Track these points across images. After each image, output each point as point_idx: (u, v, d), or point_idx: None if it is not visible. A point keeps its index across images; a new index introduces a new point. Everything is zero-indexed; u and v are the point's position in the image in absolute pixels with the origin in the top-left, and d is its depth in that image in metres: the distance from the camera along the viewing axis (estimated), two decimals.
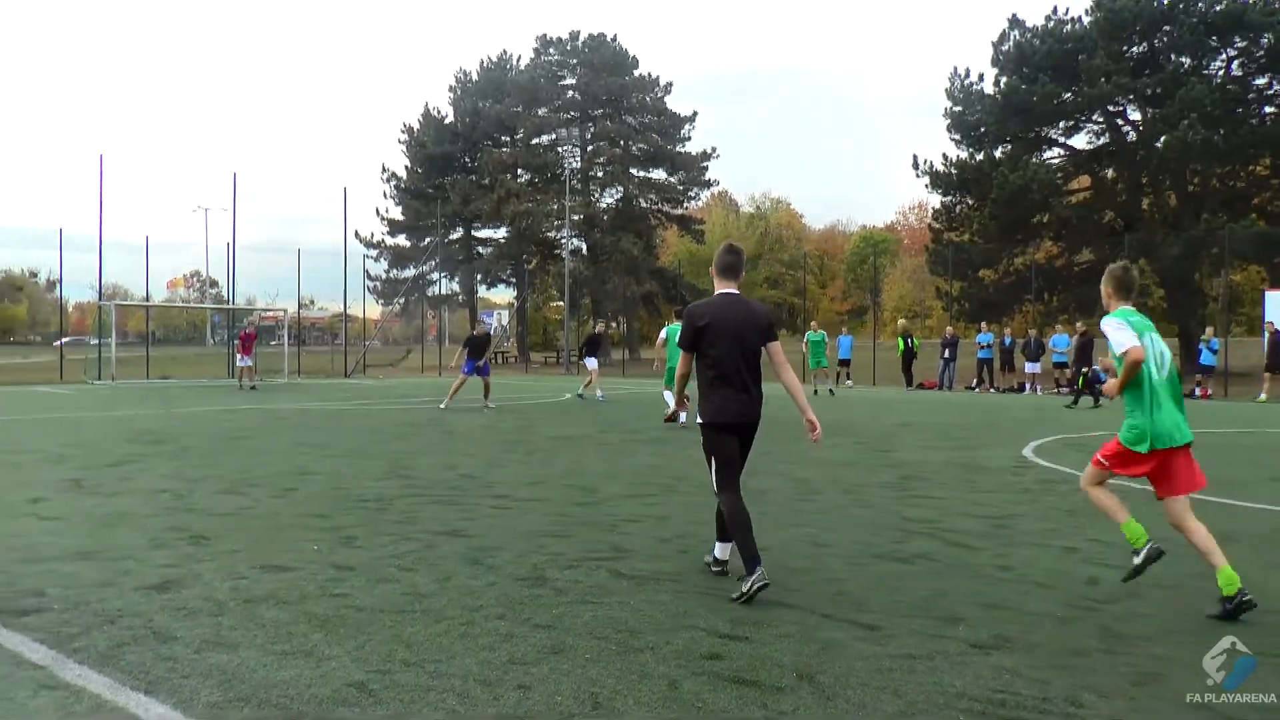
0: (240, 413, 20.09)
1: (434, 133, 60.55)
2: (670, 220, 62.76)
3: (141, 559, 6.51)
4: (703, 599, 5.60)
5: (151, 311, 47.99)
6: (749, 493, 6.29)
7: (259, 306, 54.28)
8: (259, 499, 9.00)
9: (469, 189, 57.28)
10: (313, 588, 5.76)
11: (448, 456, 12.43)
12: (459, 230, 61.24)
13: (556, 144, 59.84)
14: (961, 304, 41.51)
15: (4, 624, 5.03)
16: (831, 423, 18.02)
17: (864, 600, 5.61)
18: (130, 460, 11.88)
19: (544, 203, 56.91)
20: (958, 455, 12.96)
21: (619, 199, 59.89)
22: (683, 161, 59.03)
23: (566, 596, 5.62)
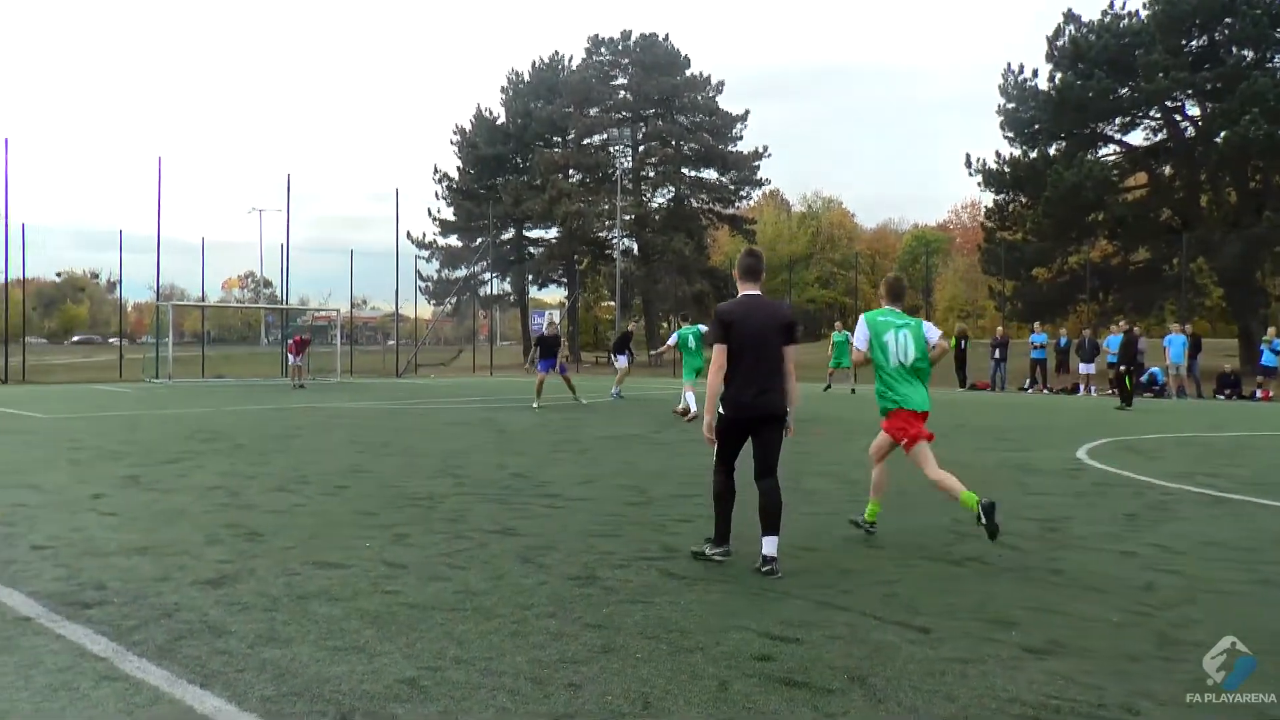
0: (293, 411, 20.35)
1: (486, 133, 60.93)
2: (721, 220, 62.69)
3: (197, 554, 6.61)
4: (753, 600, 5.58)
5: (207, 311, 48.79)
6: (801, 493, 6.26)
7: (312, 306, 54.90)
8: (311, 496, 9.10)
9: (520, 189, 57.58)
10: (365, 584, 5.81)
11: (499, 455, 12.49)
12: (510, 230, 61.58)
13: (608, 144, 60.01)
14: (1014, 304, 41.05)
15: (68, 616, 5.14)
16: None
17: (915, 602, 5.56)
18: (186, 457, 12.08)
19: (595, 203, 57.07)
20: (1010, 456, 12.81)
21: (670, 199, 59.94)
22: (734, 161, 58.92)
23: (617, 596, 5.63)
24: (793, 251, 76.06)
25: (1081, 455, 13.08)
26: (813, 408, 22.04)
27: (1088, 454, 13.23)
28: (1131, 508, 8.87)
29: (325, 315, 53.27)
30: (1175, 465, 12.18)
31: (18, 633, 4.88)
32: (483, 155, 60.47)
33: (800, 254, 79.36)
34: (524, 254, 61.49)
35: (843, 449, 13.58)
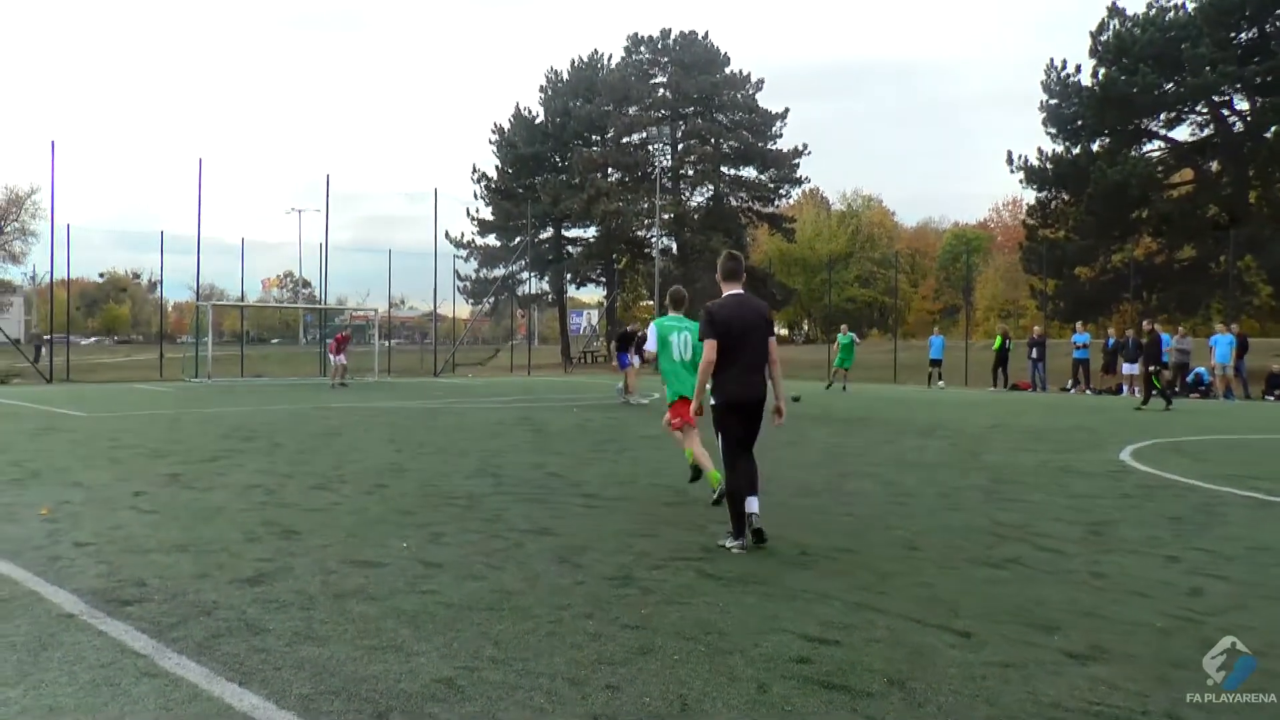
0: (331, 410, 20.51)
1: (524, 133, 61.10)
2: (761, 219, 62.50)
3: (235, 552, 6.67)
4: (792, 601, 5.55)
5: (246, 311, 49.21)
6: (841, 495, 6.22)
7: (350, 306, 55.24)
8: (349, 495, 9.16)
9: (559, 189, 57.69)
10: (401, 584, 5.84)
11: (537, 455, 12.52)
12: (549, 230, 61.68)
13: (647, 142, 59.98)
14: (1057, 303, 40.60)
15: (109, 613, 5.20)
16: (923, 424, 17.78)
17: (956, 605, 5.51)
18: (225, 456, 12.21)
19: (634, 202, 57.07)
20: (1052, 458, 12.67)
21: (709, 198, 59.83)
22: (774, 159, 58.73)
23: (654, 597, 5.62)
24: (832, 250, 75.75)
25: (1125, 457, 12.92)
26: (854, 408, 21.94)
27: (1132, 456, 13.07)
28: (1177, 511, 8.75)
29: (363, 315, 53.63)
30: (1222, 468, 11.99)
31: (61, 629, 4.95)
32: (521, 154, 60.63)
33: (840, 253, 78.98)
34: (562, 253, 61.58)
35: (884, 450, 13.51)
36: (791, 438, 15.03)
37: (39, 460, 11.64)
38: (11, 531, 7.36)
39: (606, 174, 59.45)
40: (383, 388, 30.73)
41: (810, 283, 79.28)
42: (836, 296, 71.90)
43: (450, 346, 48.68)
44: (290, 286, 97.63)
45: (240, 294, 42.18)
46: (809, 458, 12.55)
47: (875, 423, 18.32)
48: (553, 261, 60.61)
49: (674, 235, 58.89)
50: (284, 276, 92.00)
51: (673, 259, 58.50)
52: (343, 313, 47.82)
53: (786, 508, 8.59)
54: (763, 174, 59.80)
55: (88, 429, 16.09)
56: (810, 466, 11.64)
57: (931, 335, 34.90)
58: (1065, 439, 15.35)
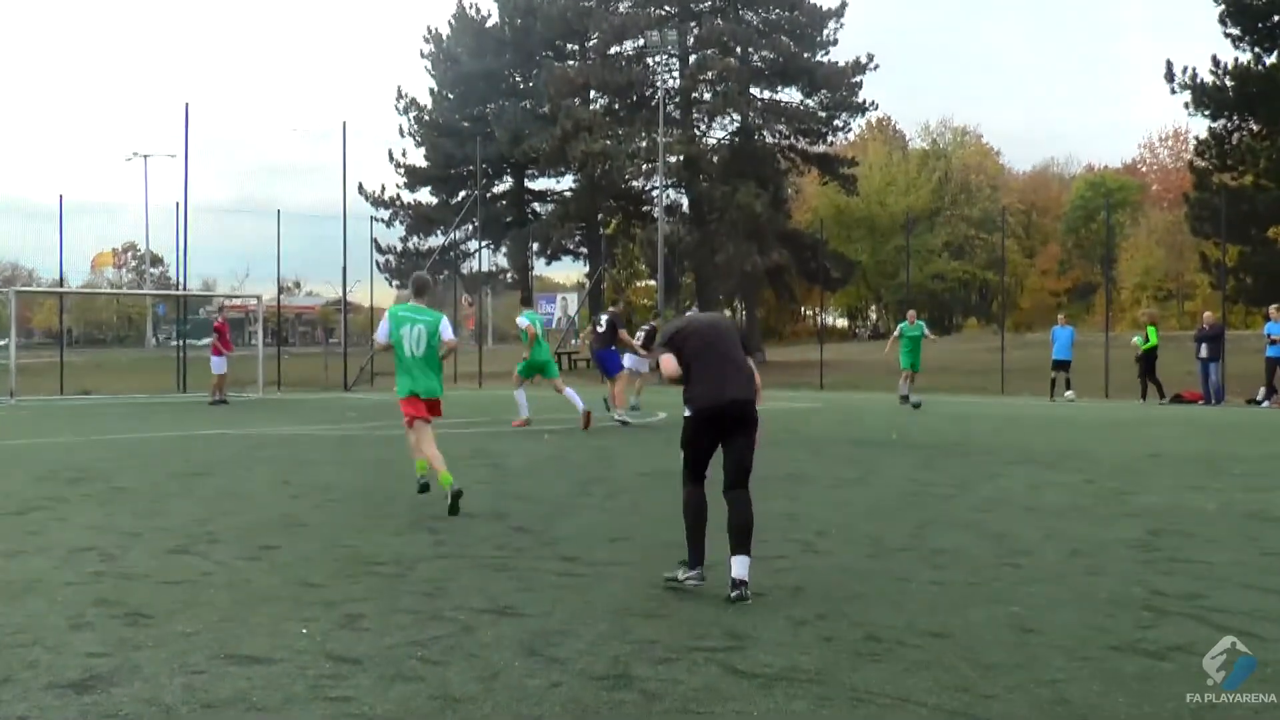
0: (197, 440, 20.45)
1: (471, 41, 61.24)
2: (807, 161, 62.54)
3: (56, 644, 6.63)
4: (857, 707, 5.53)
5: (68, 301, 48.95)
6: (931, 553, 6.20)
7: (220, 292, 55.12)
8: (224, 561, 9.12)
9: (521, 121, 57.81)
10: (301, 688, 5.81)
11: (494, 501, 12.51)
12: (506, 180, 61.81)
13: (645, 53, 60.02)
14: (1241, 278, 40.55)
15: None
16: (1045, 452, 17.76)
17: (1093, 714, 5.48)
18: (40, 506, 12.13)
19: (627, 139, 57.10)
20: (1238, 500, 12.66)
21: (734, 132, 59.89)
22: (825, 76, 58.76)
23: (661, 703, 5.60)
24: (911, 206, 75.79)
25: None
26: (942, 430, 21.93)
27: None
28: None
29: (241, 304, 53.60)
30: None
31: None
32: (467, 72, 60.76)
33: (922, 209, 79.13)
34: (526, 214, 61.65)
35: (988, 490, 13.49)
36: (858, 473, 15.01)
37: None
38: None
39: (589, 100, 59.47)
40: (270, 407, 30.71)
41: (879, 252, 79.48)
42: (918, 272, 72.17)
43: (367, 348, 48.72)
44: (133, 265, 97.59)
45: (58, 276, 42.03)
46: (882, 501, 12.52)
47: (974, 451, 18.28)
48: (512, 225, 60.68)
49: (685, 186, 58.92)
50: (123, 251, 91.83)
51: (683, 219, 58.51)
52: (210, 301, 47.81)
53: (850, 572, 8.56)
54: (810, 98, 59.85)
55: None
56: (883, 514, 11.63)
57: (1055, 326, 34.85)
58: (1257, 473, 15.34)
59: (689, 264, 58.88)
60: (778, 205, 59.21)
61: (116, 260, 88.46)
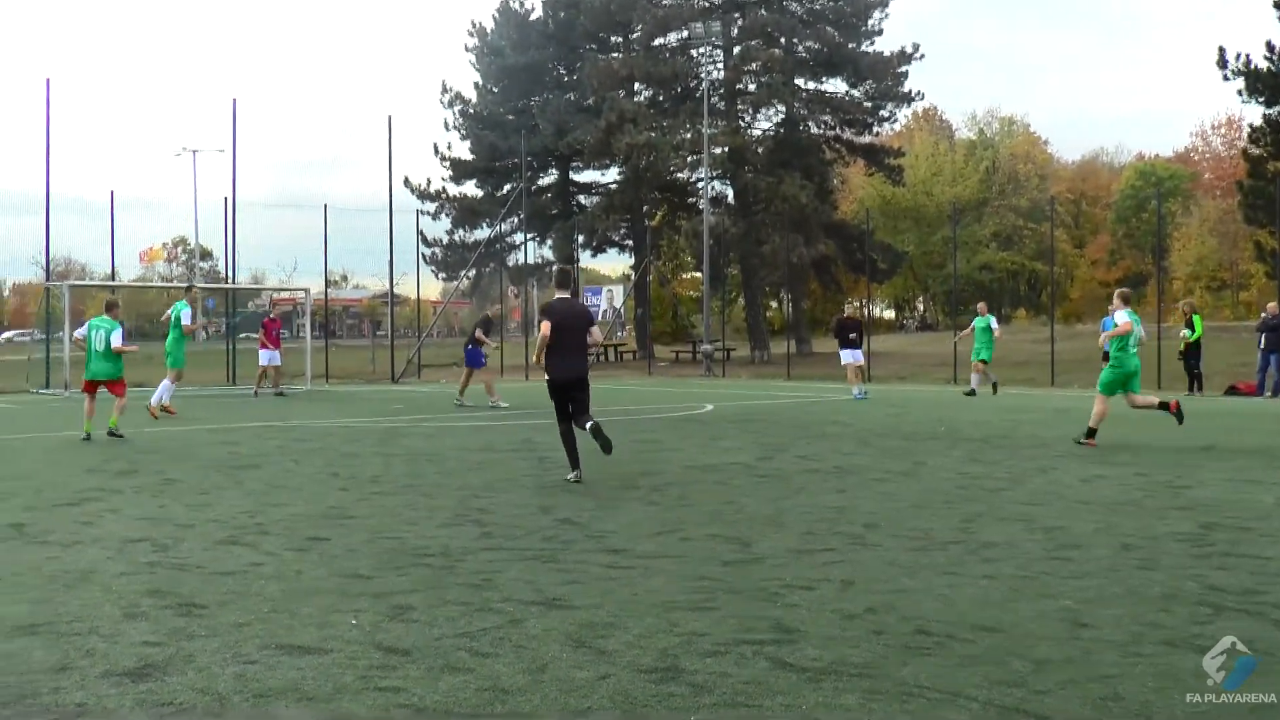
0: (247, 431, 20.58)
1: (515, 33, 61.28)
2: (853, 151, 62.37)
3: (111, 634, 6.68)
4: (906, 701, 5.50)
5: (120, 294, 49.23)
6: (980, 546, 6.14)
7: (269, 286, 55.29)
8: (274, 552, 9.19)
9: (565, 113, 57.80)
10: (351, 678, 5.83)
11: (541, 495, 12.55)
12: (551, 173, 61.84)
13: (689, 44, 59.93)
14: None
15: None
16: (1095, 444, 17.63)
17: (1150, 710, 5.45)
18: (93, 498, 12.25)
19: (672, 130, 57.02)
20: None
21: (779, 123, 59.73)
22: (871, 66, 58.52)
23: (710, 696, 5.59)
24: (958, 196, 75.47)
25: None
26: (991, 423, 21.81)
27: None
28: None
29: (289, 298, 53.87)
30: None
31: None
32: (511, 65, 60.80)
33: (969, 200, 78.74)
34: (571, 206, 61.67)
35: (1038, 483, 13.40)
36: (905, 466, 14.96)
37: None
38: None
39: (633, 91, 59.42)
40: (319, 399, 30.82)
41: (926, 243, 79.11)
42: (966, 263, 71.84)
43: (414, 340, 48.80)
44: (183, 259, 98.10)
45: (110, 270, 42.38)
46: (930, 494, 12.47)
47: (1023, 443, 18.17)
48: (558, 218, 60.71)
49: (730, 178, 58.82)
50: (173, 245, 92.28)
51: (728, 210, 58.38)
52: (259, 295, 48.08)
53: (899, 566, 8.53)
54: (855, 88, 59.62)
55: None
56: (932, 507, 11.58)
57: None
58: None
59: (734, 255, 58.74)
60: (823, 196, 59.01)
61: (167, 254, 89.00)
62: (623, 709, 5.38)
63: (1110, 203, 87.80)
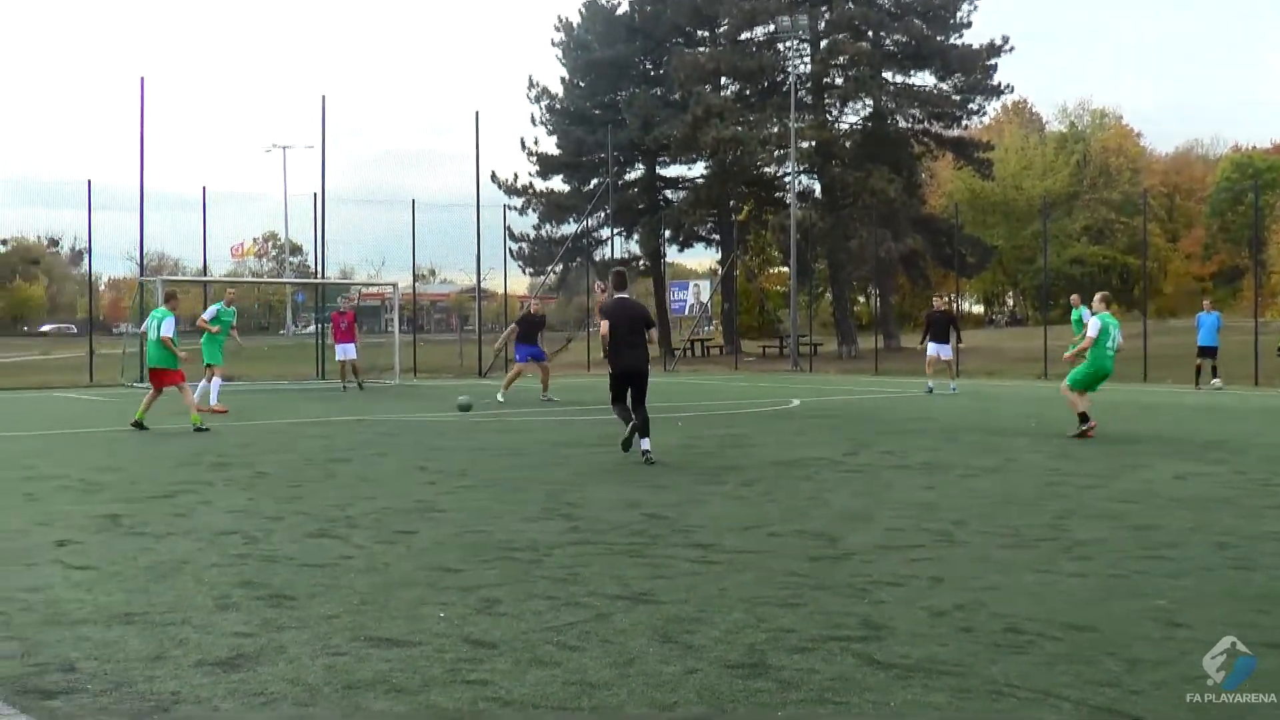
0: (336, 425, 20.78)
1: (601, 28, 61.31)
2: (942, 145, 61.86)
3: (203, 624, 6.77)
4: (996, 699, 5.46)
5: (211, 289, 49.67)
6: (1071, 544, 6.11)
7: (358, 280, 55.73)
8: (363, 545, 9.26)
9: (651, 107, 57.76)
10: (439, 671, 5.87)
11: (628, 489, 12.56)
12: (638, 168, 61.80)
13: (776, 39, 59.69)
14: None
15: (25, 708, 5.32)
16: (1190, 441, 17.44)
17: (1246, 715, 5.36)
18: (186, 490, 12.44)
19: (759, 125, 56.87)
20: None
21: (867, 117, 59.39)
22: (960, 59, 58.01)
23: (797, 692, 5.57)
24: (1048, 189, 74.72)
25: None
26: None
27: None
28: None
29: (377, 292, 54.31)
30: None
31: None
32: (597, 60, 60.85)
33: (1059, 193, 77.88)
34: (658, 201, 61.66)
35: (1130, 480, 13.25)
36: (994, 462, 14.85)
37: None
38: None
39: (719, 86, 59.32)
40: (406, 393, 31.03)
41: (1016, 237, 78.41)
42: (1056, 257, 70.89)
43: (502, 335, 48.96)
44: (273, 254, 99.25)
45: (202, 265, 42.84)
46: (1019, 490, 12.38)
47: (1115, 440, 17.98)
48: (644, 212, 60.71)
49: (817, 172, 58.57)
50: (264, 240, 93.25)
51: (815, 204, 58.14)
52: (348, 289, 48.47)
53: (988, 563, 8.46)
54: (944, 81, 59.12)
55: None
56: (1022, 503, 11.48)
57: (1201, 312, 34.12)
58: None
59: (821, 250, 58.50)
60: (911, 190, 58.62)
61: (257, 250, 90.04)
62: (709, 704, 5.37)
63: (1205, 195, 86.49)
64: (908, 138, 59.90)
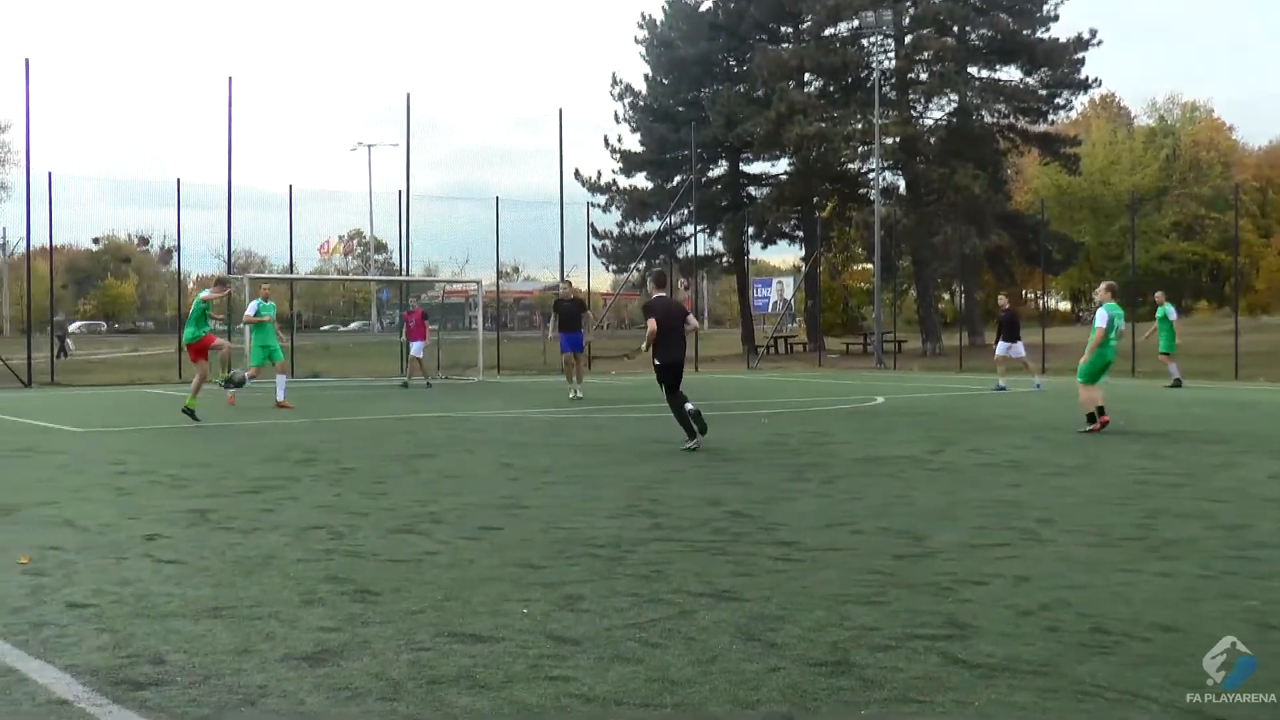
0: (420, 422, 20.93)
1: (685, 25, 61.30)
2: (1028, 141, 61.27)
3: (289, 619, 6.84)
4: (1081, 700, 5.40)
5: (297, 287, 50.00)
6: (1159, 544, 6.05)
7: (442, 278, 55.95)
8: (447, 540, 9.32)
9: (735, 104, 57.68)
10: (522, 666, 5.89)
11: (710, 486, 12.54)
12: (721, 165, 61.78)
13: (860, 34, 59.46)
14: None
15: (116, 699, 5.39)
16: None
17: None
18: (272, 485, 12.57)
19: (842, 121, 56.65)
20: None
21: (952, 112, 58.94)
22: (1047, 53, 57.43)
23: (881, 691, 5.54)
24: (1137, 185, 73.69)
25: None
26: (1169, 417, 21.30)
27: None
28: None
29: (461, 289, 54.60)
30: None
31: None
32: (681, 57, 60.86)
33: (1148, 188, 76.85)
34: (741, 198, 61.58)
35: (1220, 479, 13.07)
36: (1081, 460, 14.69)
37: (16, 491, 12.19)
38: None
39: (803, 82, 59.13)
40: (490, 390, 31.20)
41: (1104, 233, 77.42)
42: (1144, 253, 70.04)
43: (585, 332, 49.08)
44: (359, 252, 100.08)
45: (288, 263, 43.27)
46: (1107, 489, 12.23)
47: (1204, 438, 17.76)
48: (728, 209, 60.66)
49: (901, 168, 58.23)
50: (349, 238, 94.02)
51: (900, 201, 57.84)
52: (432, 286, 48.77)
53: (1074, 562, 8.37)
54: (1030, 75, 58.54)
55: (81, 449, 16.84)
56: (1108, 502, 11.35)
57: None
58: None
59: (906, 247, 58.16)
60: (997, 186, 58.12)
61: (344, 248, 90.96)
62: (792, 702, 5.35)
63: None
64: (993, 133, 59.39)
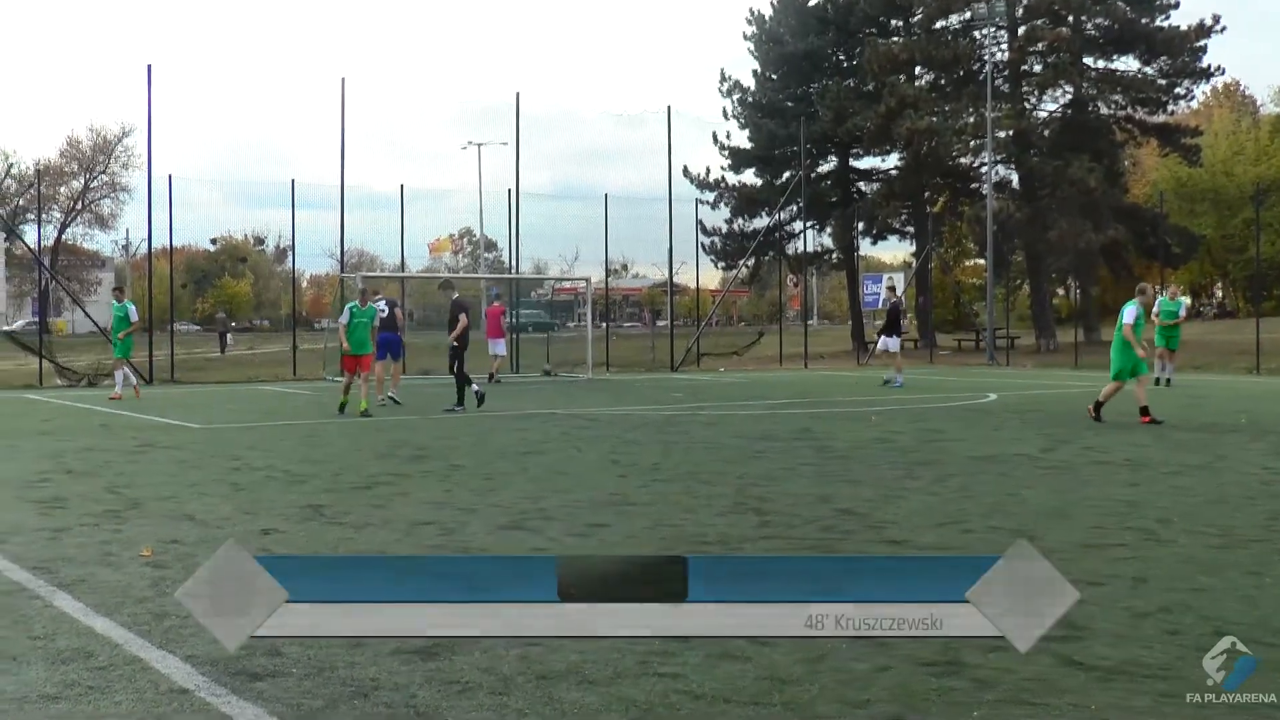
0: (529, 419, 21.06)
1: (794, 20, 61.08)
2: (1146, 132, 60.26)
3: None
4: (1201, 709, 5.31)
5: (408, 285, 50.41)
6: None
7: (551, 275, 56.31)
8: (556, 537, 9.38)
9: (844, 99, 57.39)
10: (630, 663, 5.92)
11: (820, 484, 12.50)
12: (831, 160, 61.49)
13: (972, 26, 58.78)
14: None
15: (234, 689, 5.52)
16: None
17: None
18: (384, 482, 12.73)
19: (954, 115, 56.16)
20: None
21: (1066, 104, 58.21)
22: (1165, 42, 56.49)
23: (993, 692, 5.51)
24: (1261, 175, 72.12)
25: None
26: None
27: None
28: None
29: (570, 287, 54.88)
30: None
31: (173, 709, 5.28)
32: (789, 52, 60.65)
33: (1274, 180, 75.22)
34: (851, 193, 61.26)
35: None
36: (1202, 460, 14.45)
37: (139, 486, 12.47)
38: (107, 579, 7.91)
39: (913, 76, 58.69)
40: (599, 387, 31.31)
41: (1226, 225, 75.95)
42: (1269, 246, 68.59)
43: (694, 329, 49.12)
44: (468, 250, 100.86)
45: (399, 261, 43.74)
46: (1229, 489, 12.02)
47: (1257, 435, 17.42)
48: (837, 205, 60.37)
49: (1014, 162, 57.58)
50: (459, 236, 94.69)
51: (1013, 195, 57.18)
52: (542, 284, 49.06)
53: (1195, 563, 8.24)
54: (1149, 66, 57.60)
55: (200, 445, 17.14)
56: (1232, 502, 11.16)
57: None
58: None
59: (1019, 242, 57.45)
60: (1113, 179, 57.22)
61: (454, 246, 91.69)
62: (901, 703, 5.33)
63: None
64: (1109, 125, 58.52)
